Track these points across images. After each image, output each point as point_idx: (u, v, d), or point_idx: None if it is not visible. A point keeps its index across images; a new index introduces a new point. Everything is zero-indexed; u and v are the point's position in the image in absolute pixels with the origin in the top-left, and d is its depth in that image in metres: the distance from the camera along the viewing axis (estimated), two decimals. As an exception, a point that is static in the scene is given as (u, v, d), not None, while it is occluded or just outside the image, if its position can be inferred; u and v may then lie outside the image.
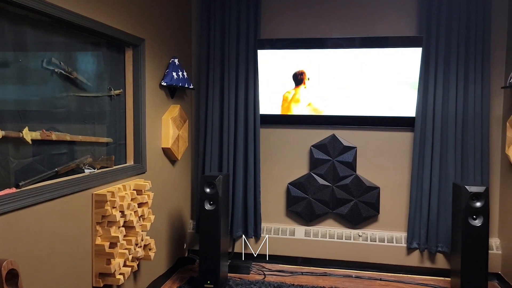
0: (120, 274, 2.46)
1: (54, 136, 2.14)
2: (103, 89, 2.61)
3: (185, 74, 3.45)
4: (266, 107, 3.73)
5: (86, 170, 2.40)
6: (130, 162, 2.91)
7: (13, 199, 1.82)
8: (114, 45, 2.72)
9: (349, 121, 3.65)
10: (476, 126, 3.38)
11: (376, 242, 3.64)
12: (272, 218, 3.86)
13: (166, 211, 3.40)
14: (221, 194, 3.13)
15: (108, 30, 2.49)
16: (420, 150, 3.48)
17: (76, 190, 2.22)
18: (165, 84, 3.23)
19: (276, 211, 3.86)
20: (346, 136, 3.70)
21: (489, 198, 2.92)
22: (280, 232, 3.79)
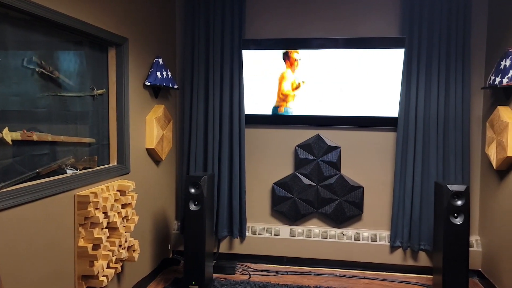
0: (103, 276, 2.43)
1: (35, 136, 2.10)
2: (86, 88, 2.57)
3: (169, 73, 3.43)
4: (251, 107, 3.73)
5: (68, 171, 2.37)
6: (114, 162, 2.87)
7: (-8, 201, 1.78)
8: (97, 44, 2.68)
9: (333, 121, 3.68)
10: (457, 126, 3.44)
11: (360, 241, 3.68)
12: (257, 218, 3.87)
13: (150, 212, 3.38)
14: (206, 194, 3.12)
15: (90, 29, 2.45)
16: (403, 149, 3.54)
17: (58, 192, 2.19)
18: (149, 84, 3.21)
19: (261, 211, 3.87)
20: (330, 136, 3.73)
21: (469, 197, 2.98)
22: (265, 232, 3.80)
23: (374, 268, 3.68)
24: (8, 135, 1.91)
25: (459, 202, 2.94)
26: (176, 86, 3.54)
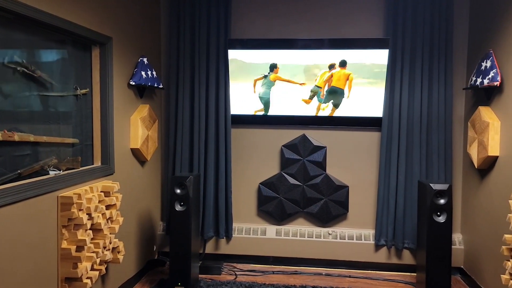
0: (87, 278, 2.40)
1: (16, 136, 2.06)
2: (69, 88, 2.53)
3: (154, 73, 3.40)
4: (237, 107, 3.73)
5: (51, 172, 2.33)
6: (98, 163, 2.84)
7: (-28, 203, 1.74)
8: (80, 43, 2.65)
9: (319, 121, 3.70)
10: (439, 126, 3.50)
11: (345, 240, 3.71)
12: (243, 218, 3.87)
13: (135, 213, 3.34)
14: (191, 195, 3.11)
15: (73, 27, 2.42)
16: (387, 149, 3.58)
17: (40, 193, 2.15)
18: (133, 83, 3.17)
19: (247, 211, 3.87)
20: (316, 136, 3.75)
21: (452, 195, 3.03)
22: (251, 232, 3.80)
23: (359, 266, 3.71)
24: (-12, 136, 1.87)
25: (442, 201, 2.99)
26: (161, 86, 3.52)
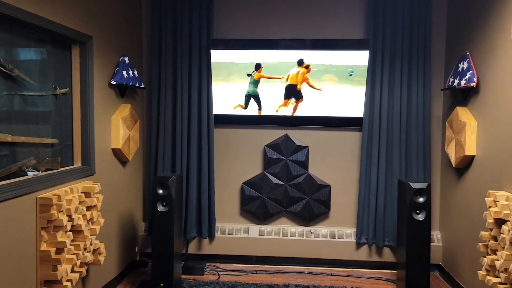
0: (67, 280, 2.37)
1: (-7, 137, 2.02)
2: (48, 87, 2.49)
3: (135, 73, 3.37)
4: (219, 107, 3.72)
5: (30, 173, 2.29)
6: (78, 164, 2.80)
7: None
8: (60, 42, 2.60)
9: (301, 121, 3.73)
10: (418, 126, 3.57)
11: (327, 238, 3.75)
12: (226, 218, 3.87)
13: (116, 214, 3.31)
14: (174, 195, 3.09)
15: (52, 26, 2.38)
16: (367, 149, 3.63)
17: (18, 194, 2.11)
18: (114, 83, 3.14)
19: (230, 211, 3.87)
20: (298, 135, 3.78)
21: (431, 194, 3.10)
22: (234, 231, 3.80)
23: (341, 264, 3.76)
24: (-36, 136, 1.82)
25: (421, 199, 3.05)
26: (143, 86, 3.49)
